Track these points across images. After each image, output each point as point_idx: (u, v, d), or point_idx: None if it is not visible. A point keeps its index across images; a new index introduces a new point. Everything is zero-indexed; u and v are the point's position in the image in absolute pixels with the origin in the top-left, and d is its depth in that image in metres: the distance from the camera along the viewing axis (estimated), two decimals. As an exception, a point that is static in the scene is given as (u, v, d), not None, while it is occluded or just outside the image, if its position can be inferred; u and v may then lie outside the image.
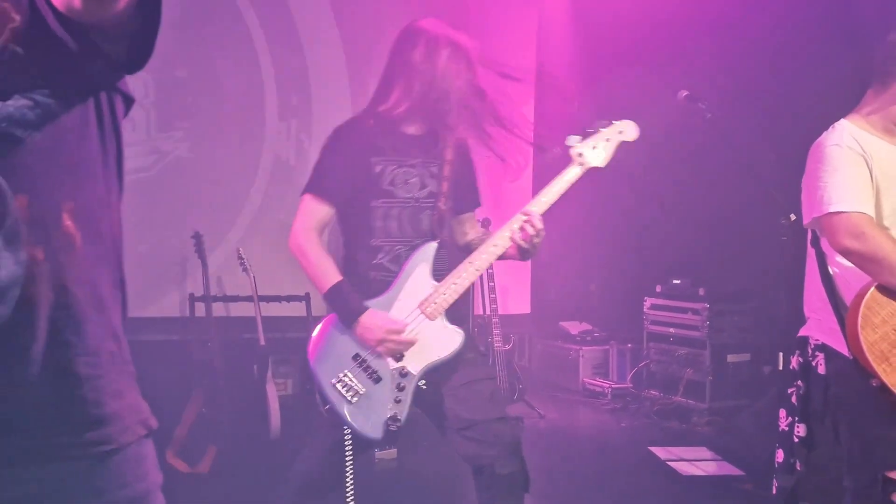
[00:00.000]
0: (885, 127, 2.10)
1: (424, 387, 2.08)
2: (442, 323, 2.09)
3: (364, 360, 2.07)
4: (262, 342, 4.08)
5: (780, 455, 2.28)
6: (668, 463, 4.00)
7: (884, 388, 1.86)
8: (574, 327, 6.03)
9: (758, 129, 4.34)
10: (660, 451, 4.19)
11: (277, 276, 4.31)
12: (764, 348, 4.87)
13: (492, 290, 5.02)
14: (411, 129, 2.19)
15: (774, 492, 2.33)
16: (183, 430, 3.76)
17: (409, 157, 2.17)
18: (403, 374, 2.07)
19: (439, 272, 2.14)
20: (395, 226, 2.16)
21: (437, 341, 2.08)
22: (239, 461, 3.74)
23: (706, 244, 5.22)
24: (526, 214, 2.12)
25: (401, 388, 2.05)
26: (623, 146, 2.27)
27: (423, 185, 2.19)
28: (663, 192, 5.47)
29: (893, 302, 1.91)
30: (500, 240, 2.14)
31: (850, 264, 2.02)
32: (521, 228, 2.11)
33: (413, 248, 2.15)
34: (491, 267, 5.04)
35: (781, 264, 3.60)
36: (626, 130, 2.20)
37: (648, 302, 5.33)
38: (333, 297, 2.09)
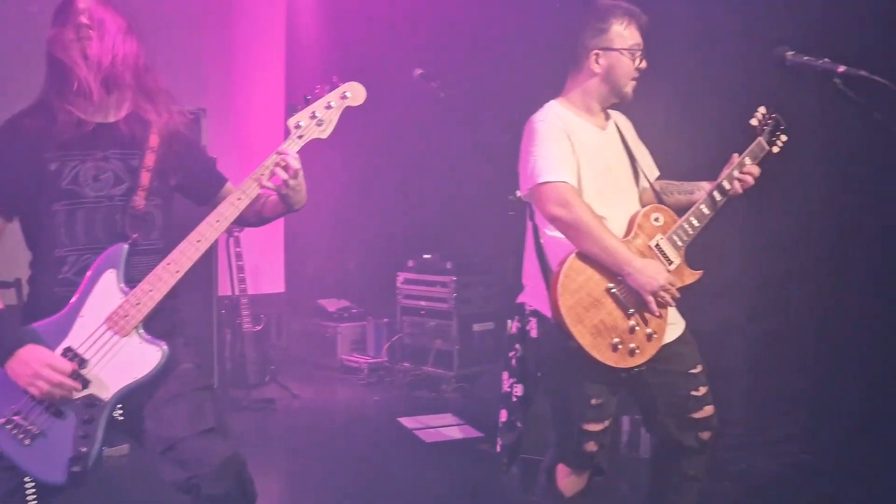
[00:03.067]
0: (586, 105, 2.29)
1: (121, 417, 1.80)
2: (137, 338, 1.80)
3: None
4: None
5: (503, 415, 2.42)
6: (415, 432, 4.13)
7: (579, 348, 2.03)
8: (332, 304, 6.00)
9: (492, 107, 4.57)
10: (407, 421, 4.32)
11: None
12: (506, 316, 5.20)
13: (240, 269, 4.79)
14: (99, 117, 1.86)
15: (498, 449, 2.48)
16: None
17: (99, 149, 1.85)
18: (91, 403, 1.75)
19: (135, 280, 1.83)
20: (81, 231, 1.84)
21: (132, 361, 1.78)
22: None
23: (453, 218, 5.45)
24: (279, 153, 1.89)
25: (88, 421, 1.74)
26: (363, 117, 2.12)
27: (118, 181, 1.87)
28: (411, 168, 5.61)
29: (589, 269, 2.09)
30: (248, 190, 1.88)
31: (558, 236, 2.17)
32: (273, 172, 1.88)
33: (99, 254, 1.83)
34: (238, 245, 4.82)
35: (511, 237, 3.85)
36: (353, 94, 1.95)
37: (401, 276, 5.45)
38: None
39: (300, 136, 1.92)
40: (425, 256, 5.41)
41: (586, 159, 2.21)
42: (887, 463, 3.20)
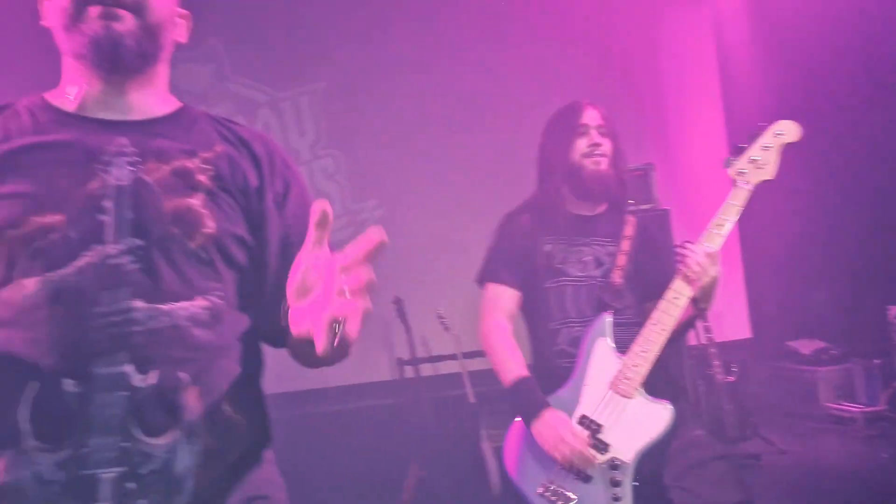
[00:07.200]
0: None
1: (636, 483, 1.87)
2: (642, 399, 1.90)
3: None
4: (472, 399, 4.05)
5: None
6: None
7: None
8: (805, 346, 5.41)
9: None
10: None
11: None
12: None
13: (704, 317, 4.62)
14: (583, 210, 2.16)
15: None
16: (407, 496, 3.82)
17: (582, 236, 2.12)
18: (614, 466, 1.87)
19: (623, 345, 1.96)
20: (570, 305, 2.07)
21: (643, 421, 1.88)
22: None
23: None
24: (689, 249, 1.92)
25: (616, 484, 1.86)
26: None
27: (598, 264, 2.09)
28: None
29: None
30: (680, 287, 1.93)
31: None
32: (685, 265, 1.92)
33: (587, 325, 2.02)
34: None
35: None
36: (786, 131, 1.94)
37: (893, 310, 4.64)
38: (514, 392, 2.03)
39: (747, 182, 1.92)
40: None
41: None
42: None
